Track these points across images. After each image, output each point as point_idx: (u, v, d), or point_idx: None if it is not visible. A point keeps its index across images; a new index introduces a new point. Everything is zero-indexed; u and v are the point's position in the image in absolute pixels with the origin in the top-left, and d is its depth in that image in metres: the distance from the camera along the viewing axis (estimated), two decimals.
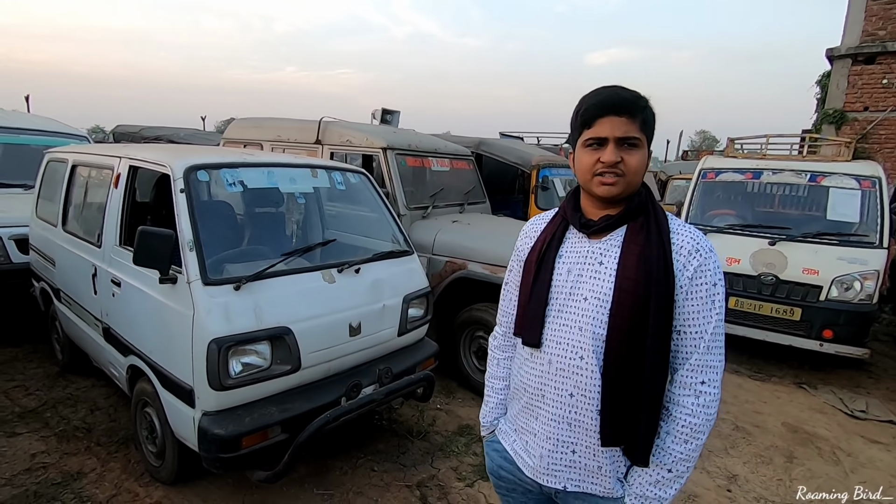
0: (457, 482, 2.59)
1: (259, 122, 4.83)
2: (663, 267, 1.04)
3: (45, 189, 3.60)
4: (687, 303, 1.05)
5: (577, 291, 1.11)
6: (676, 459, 1.07)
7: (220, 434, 1.96)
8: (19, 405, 3.12)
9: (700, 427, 1.06)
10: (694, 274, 1.05)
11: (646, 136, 1.06)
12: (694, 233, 1.09)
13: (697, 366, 1.06)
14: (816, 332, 3.96)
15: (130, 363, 2.45)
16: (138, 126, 8.33)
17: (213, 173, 2.35)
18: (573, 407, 1.10)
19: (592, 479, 1.13)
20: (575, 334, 1.10)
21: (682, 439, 1.06)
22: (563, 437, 1.12)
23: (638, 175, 1.06)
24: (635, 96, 1.06)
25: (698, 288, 1.05)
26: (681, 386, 1.07)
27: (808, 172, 4.39)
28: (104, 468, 2.54)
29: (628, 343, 1.04)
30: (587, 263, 1.12)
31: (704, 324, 1.05)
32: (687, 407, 1.06)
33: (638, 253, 1.06)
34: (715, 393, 1.06)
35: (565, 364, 1.10)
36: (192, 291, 2.02)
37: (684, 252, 1.06)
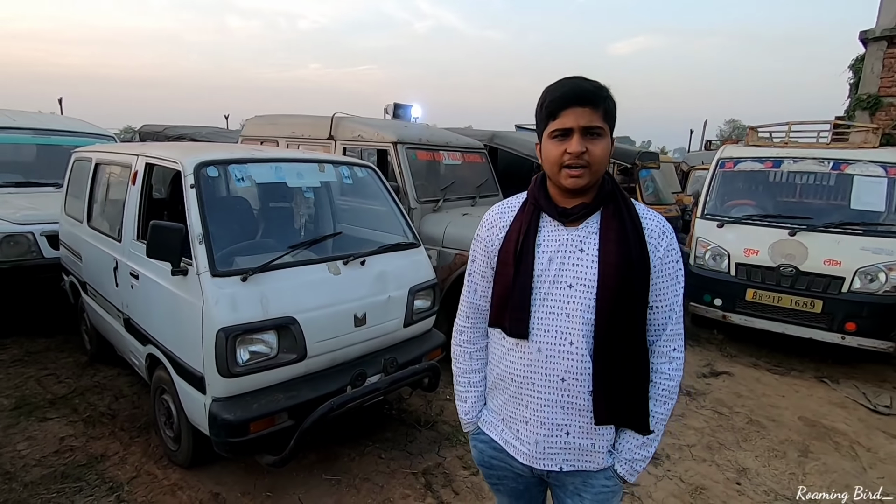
0: (462, 470, 2.63)
1: (274, 120, 4.94)
2: (640, 249, 1.12)
3: (73, 187, 3.77)
4: (659, 280, 1.15)
5: (561, 279, 1.13)
6: (658, 420, 1.18)
7: (229, 419, 2.05)
8: (51, 392, 3.29)
9: (674, 388, 1.18)
10: (664, 254, 1.15)
11: (608, 126, 1.10)
12: (659, 217, 1.19)
13: (672, 335, 1.17)
14: (838, 325, 3.84)
15: (149, 352, 2.57)
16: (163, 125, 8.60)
17: (222, 169, 2.43)
18: (565, 391, 1.14)
19: (587, 456, 1.18)
20: (563, 321, 1.12)
21: (662, 401, 1.18)
22: (557, 420, 1.15)
23: (602, 164, 1.09)
24: (597, 87, 1.09)
25: (667, 266, 1.15)
26: (658, 355, 1.18)
27: (831, 160, 4.24)
28: (126, 451, 2.68)
29: (615, 324, 1.10)
30: (568, 251, 1.14)
31: (673, 297, 1.16)
32: (665, 373, 1.17)
33: (615, 238, 1.11)
34: (682, 357, 1.20)
35: (555, 351, 1.13)
36: (202, 282, 2.10)
37: (654, 234, 1.15)
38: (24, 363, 3.69)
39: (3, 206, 4.12)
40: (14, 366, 3.64)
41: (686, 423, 3.19)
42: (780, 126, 4.95)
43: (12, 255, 3.92)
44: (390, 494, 2.41)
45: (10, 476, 2.45)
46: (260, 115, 5.17)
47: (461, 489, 2.48)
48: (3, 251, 3.87)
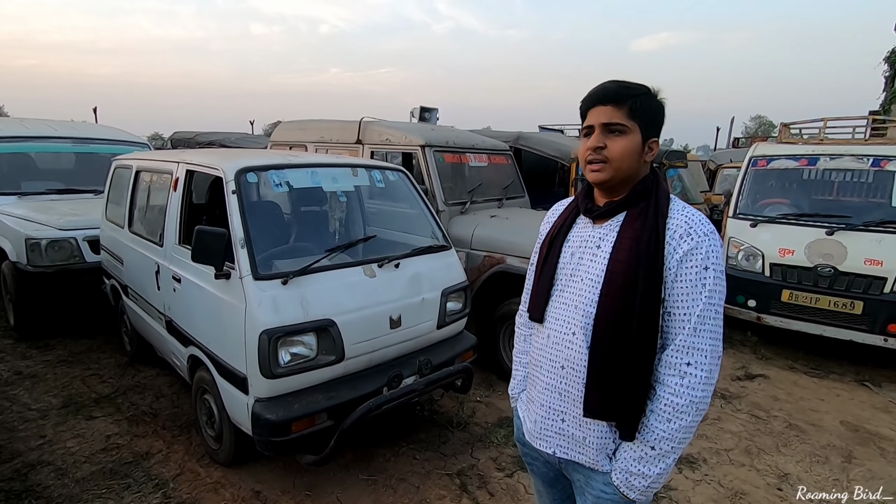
0: (496, 472, 2.63)
1: (303, 125, 5.03)
2: (653, 249, 1.08)
3: (113, 193, 3.91)
4: (676, 284, 1.08)
5: (577, 273, 1.19)
6: (659, 437, 1.09)
7: (272, 419, 2.10)
8: (95, 391, 3.42)
9: (683, 407, 1.07)
10: (684, 256, 1.07)
11: (636, 123, 1.11)
12: (690, 216, 1.11)
13: (683, 347, 1.08)
14: (880, 327, 3.72)
15: (191, 353, 2.64)
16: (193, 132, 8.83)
17: (261, 175, 2.49)
18: (564, 378, 1.19)
19: (578, 448, 1.20)
20: (570, 312, 1.18)
21: (665, 418, 1.08)
22: (555, 405, 1.21)
23: (623, 161, 1.11)
24: (623, 86, 1.12)
25: (687, 270, 1.07)
26: (666, 366, 1.09)
27: (871, 157, 4.11)
28: (169, 450, 2.76)
29: (615, 321, 1.10)
30: (587, 247, 1.19)
31: (692, 305, 1.07)
32: (671, 386, 1.08)
33: (632, 237, 1.11)
34: (702, 376, 1.06)
35: (560, 339, 1.19)
36: (244, 286, 2.16)
37: (676, 235, 1.09)
38: (70, 363, 3.83)
39: (48, 213, 4.29)
40: (60, 366, 3.79)
41: (722, 427, 3.14)
42: (815, 123, 4.82)
43: (57, 259, 4.07)
44: (426, 495, 2.44)
45: (62, 472, 2.55)
46: (289, 121, 5.27)
47: (496, 491, 2.49)
48: (49, 256, 4.03)
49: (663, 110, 1.16)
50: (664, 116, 1.16)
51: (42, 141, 5.23)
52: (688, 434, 1.10)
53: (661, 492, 2.50)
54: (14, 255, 4.08)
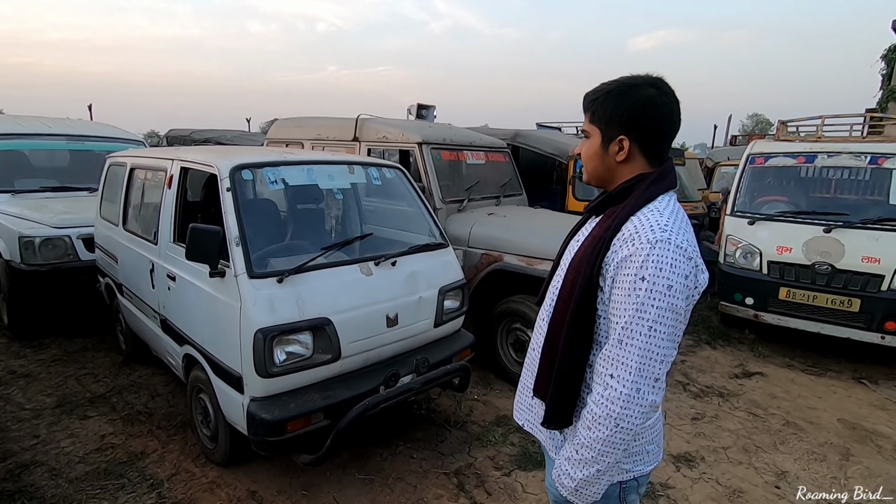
0: (494, 471, 2.62)
1: (300, 122, 4.99)
2: (598, 250, 1.08)
3: (108, 191, 3.87)
4: (613, 291, 1.04)
5: (563, 265, 1.24)
6: (580, 443, 1.08)
7: (267, 419, 2.08)
8: (89, 391, 3.39)
9: (600, 418, 1.03)
10: (621, 262, 1.03)
11: (595, 126, 1.14)
12: (643, 221, 1.03)
13: (608, 356, 1.04)
14: (878, 324, 3.72)
15: (186, 352, 2.62)
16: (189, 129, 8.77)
17: (256, 172, 2.46)
18: (533, 359, 1.26)
19: (535, 424, 1.29)
20: (549, 300, 1.25)
21: (586, 424, 1.07)
22: (527, 382, 1.29)
23: (589, 162, 1.18)
24: (589, 94, 1.16)
25: (623, 277, 1.02)
26: (596, 374, 1.08)
27: (869, 154, 4.11)
28: (164, 449, 2.74)
29: (560, 312, 1.15)
30: (574, 242, 1.25)
31: (621, 314, 1.01)
32: (595, 395, 1.06)
33: (595, 235, 1.13)
34: (622, 392, 1.00)
35: (539, 324, 1.27)
36: (239, 284, 2.14)
37: (621, 239, 1.05)
38: (64, 362, 3.80)
39: (42, 211, 4.25)
40: (54, 365, 3.76)
41: (720, 425, 3.13)
42: (812, 120, 4.82)
43: (51, 257, 4.04)
44: (424, 494, 2.42)
45: (55, 472, 2.53)
46: (285, 118, 5.23)
47: (494, 490, 2.48)
48: (43, 254, 4.00)
49: (634, 105, 1.07)
50: (637, 111, 1.07)
51: (36, 138, 5.18)
52: (609, 448, 1.04)
53: (659, 489, 2.49)
54: (7, 253, 4.04)
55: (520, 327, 3.55)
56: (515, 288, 3.61)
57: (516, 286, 3.61)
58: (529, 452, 2.76)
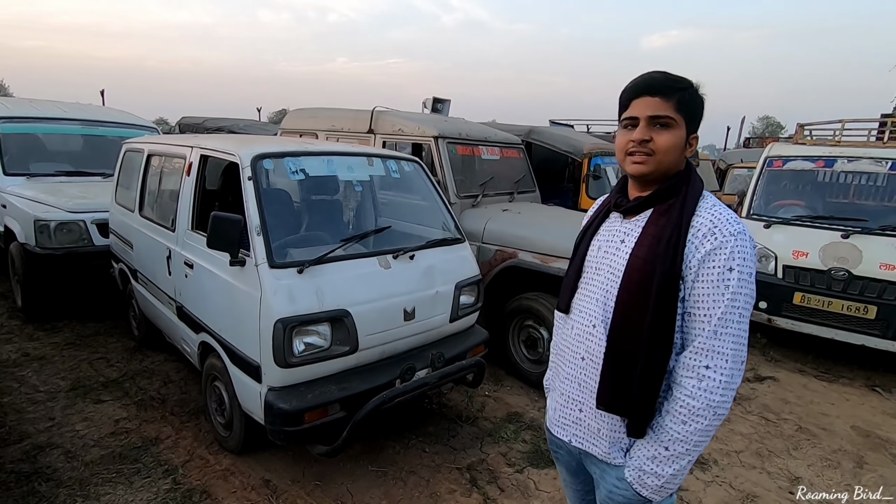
0: (506, 467, 2.62)
1: (314, 113, 4.98)
2: (672, 247, 1.06)
3: (124, 177, 3.88)
4: (697, 284, 1.05)
5: (601, 267, 1.19)
6: (673, 439, 1.08)
7: (285, 408, 2.08)
8: (103, 375, 3.41)
9: (699, 410, 1.05)
10: (705, 256, 1.04)
11: (682, 117, 1.08)
12: (717, 215, 1.07)
13: (702, 349, 1.05)
14: (894, 332, 3.69)
15: (202, 340, 2.63)
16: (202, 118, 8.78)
17: (277, 162, 2.46)
18: (583, 369, 1.20)
19: (592, 439, 1.21)
20: (592, 305, 1.19)
21: (680, 419, 1.07)
22: (574, 395, 1.23)
23: (668, 154, 1.09)
24: (671, 78, 1.10)
25: (709, 270, 1.04)
26: (684, 367, 1.08)
27: (890, 160, 4.06)
28: (178, 435, 2.75)
29: (631, 317, 1.09)
30: (612, 242, 1.19)
31: (713, 307, 1.04)
32: (687, 388, 1.06)
33: (654, 234, 1.10)
34: (721, 380, 1.04)
35: (581, 330, 1.20)
36: (260, 274, 2.13)
37: (699, 234, 1.06)
38: (77, 346, 3.83)
39: (57, 195, 4.27)
40: (68, 349, 3.78)
41: (732, 429, 3.12)
42: (832, 124, 4.76)
43: (65, 241, 4.06)
44: (436, 489, 2.43)
45: (71, 455, 2.55)
46: (300, 108, 5.22)
47: (506, 486, 2.48)
48: (57, 238, 4.02)
49: (704, 106, 1.13)
50: (703, 113, 1.13)
51: (51, 122, 5.20)
52: (704, 437, 1.07)
53: None
54: (23, 236, 4.07)
55: (532, 325, 3.54)
56: (529, 285, 3.60)
57: (530, 283, 3.60)
58: (541, 450, 2.75)
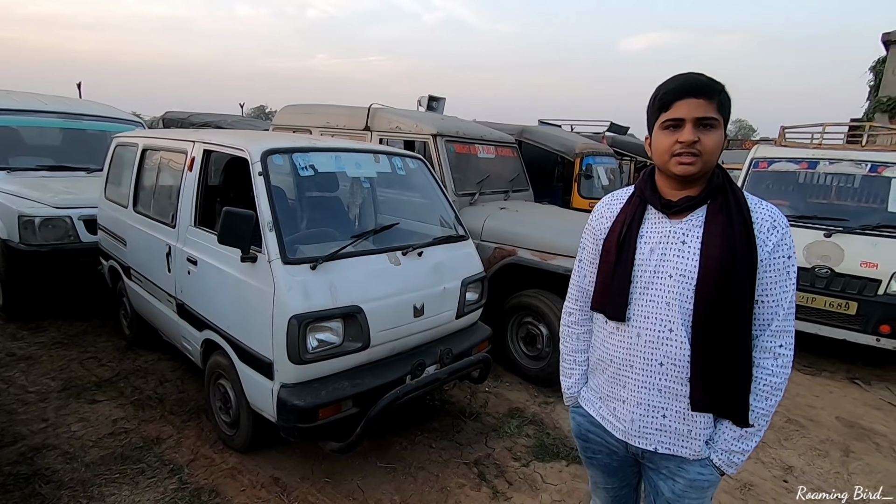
0: (512, 461, 2.65)
1: (309, 109, 4.94)
2: (746, 243, 1.11)
3: (114, 172, 3.78)
4: (766, 275, 1.13)
5: (662, 269, 1.18)
6: (758, 415, 1.17)
7: (300, 405, 2.07)
8: (95, 375, 3.32)
9: (779, 385, 1.17)
10: (773, 248, 1.12)
11: (722, 118, 1.11)
12: (771, 209, 1.16)
13: (777, 331, 1.15)
14: (873, 327, 3.85)
15: (206, 338, 2.59)
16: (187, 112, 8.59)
17: (286, 157, 2.44)
18: (663, 375, 1.19)
19: (682, 441, 1.21)
20: (663, 309, 1.17)
21: (764, 396, 1.16)
22: (654, 402, 1.21)
23: (714, 155, 1.12)
24: (712, 80, 1.12)
25: (776, 261, 1.13)
26: (762, 350, 1.16)
27: (869, 162, 4.24)
28: (180, 435, 2.70)
29: (715, 315, 1.12)
30: (670, 243, 1.18)
31: (782, 293, 1.14)
32: (767, 368, 1.16)
33: (720, 231, 1.12)
34: (790, 355, 1.17)
35: (654, 336, 1.18)
36: (273, 270, 2.12)
37: (764, 228, 1.13)
38: (65, 346, 3.72)
39: (41, 190, 4.13)
40: (55, 348, 3.67)
41: None
42: (813, 128, 4.95)
43: (51, 238, 3.94)
44: (446, 483, 2.45)
45: (70, 456, 2.48)
46: (293, 104, 5.16)
47: (514, 479, 2.51)
48: (42, 234, 3.89)
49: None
50: None
51: (31, 115, 5.02)
52: (775, 409, 1.20)
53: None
54: (5, 232, 3.93)
55: (531, 321, 3.59)
56: (528, 282, 3.64)
57: (529, 280, 3.65)
58: (545, 444, 2.80)
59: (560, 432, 2.95)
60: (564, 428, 3.00)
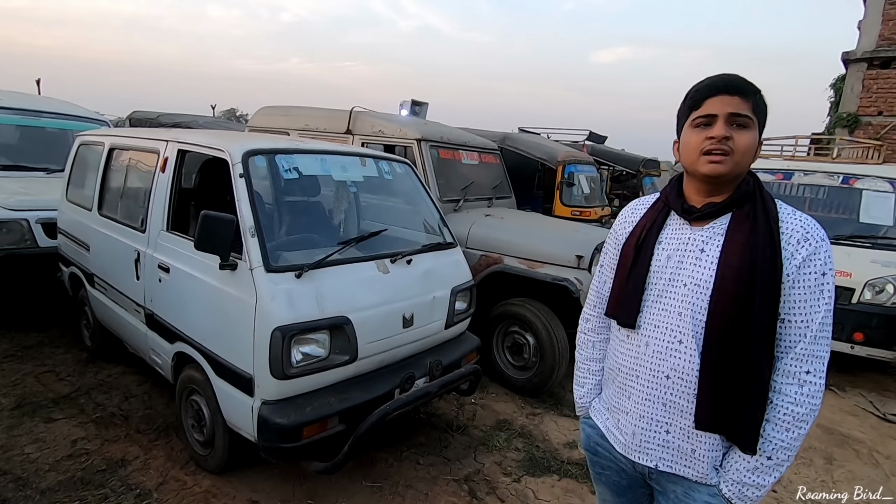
0: (503, 477, 2.57)
1: (287, 111, 4.78)
2: (770, 255, 1.02)
3: (77, 173, 3.55)
4: (794, 291, 1.03)
5: (678, 278, 1.12)
6: (777, 447, 1.06)
7: (282, 423, 1.93)
8: (52, 390, 3.08)
9: (803, 416, 1.04)
10: (802, 262, 1.03)
11: (757, 120, 1.06)
12: (804, 220, 1.07)
13: (803, 355, 1.04)
14: (847, 335, 3.94)
15: (178, 350, 2.41)
16: (156, 112, 8.25)
17: (269, 159, 2.30)
18: (669, 388, 1.12)
19: (685, 461, 1.13)
20: (674, 319, 1.11)
21: (784, 427, 1.05)
22: (658, 416, 1.14)
23: (746, 156, 1.05)
24: (747, 81, 1.07)
25: (806, 277, 1.03)
26: (785, 374, 1.05)
27: (841, 174, 4.38)
28: (147, 456, 2.51)
29: (730, 330, 1.04)
30: (688, 250, 1.12)
31: (812, 313, 1.03)
32: (790, 395, 1.04)
33: (743, 241, 1.05)
34: (820, 383, 1.04)
35: (663, 347, 1.12)
36: (255, 278, 1.98)
37: (793, 240, 1.04)
38: (19, 359, 3.44)
39: None
40: (8, 361, 3.39)
41: None
42: (786, 140, 5.10)
43: (5, 242, 3.66)
44: (436, 501, 2.34)
45: (23, 482, 2.26)
46: (270, 106, 4.99)
47: (506, 496, 2.42)
48: None
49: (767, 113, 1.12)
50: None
51: None
52: (800, 443, 1.07)
53: None
54: None
55: (518, 330, 3.52)
56: (515, 290, 3.58)
57: (514, 289, 3.59)
58: (536, 458, 2.72)
59: (549, 445, 2.88)
60: (553, 440, 2.93)
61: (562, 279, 3.30)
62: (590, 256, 3.41)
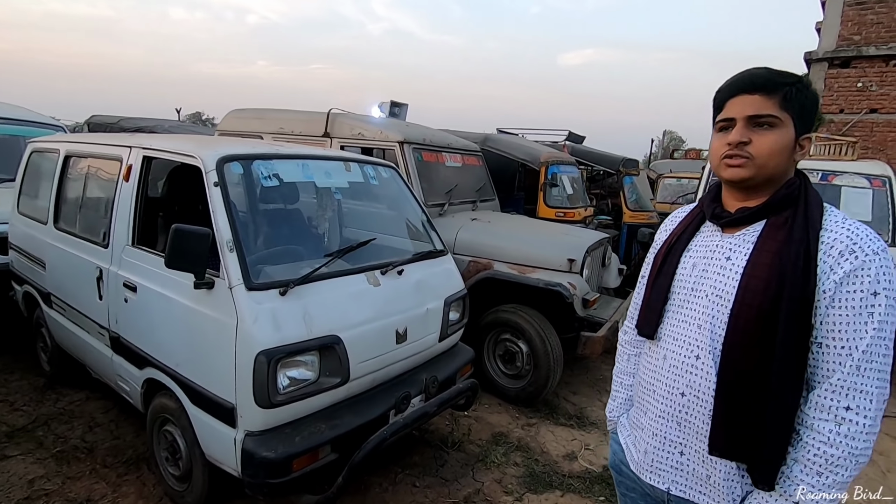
0: (504, 496, 2.44)
1: (260, 113, 4.55)
2: (802, 268, 0.90)
3: (29, 183, 3.26)
4: (832, 311, 0.90)
5: (700, 287, 1.04)
6: (808, 489, 0.90)
7: (270, 457, 1.75)
8: (6, 423, 2.79)
9: (839, 460, 0.88)
10: (844, 278, 0.89)
11: (789, 115, 0.95)
12: (854, 230, 0.92)
13: (840, 387, 0.89)
14: None
15: (148, 377, 2.20)
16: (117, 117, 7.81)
17: (245, 165, 2.12)
18: (684, 406, 1.03)
19: (700, 487, 1.03)
20: (693, 331, 1.02)
21: (814, 470, 0.90)
22: (672, 436, 1.06)
23: (771, 159, 0.95)
24: (774, 72, 0.97)
25: (849, 295, 0.89)
26: (817, 408, 0.91)
27: (820, 171, 4.42)
28: (116, 493, 2.28)
29: (751, 348, 0.93)
30: (713, 258, 1.03)
31: (855, 338, 0.88)
32: (822, 433, 0.90)
33: (774, 250, 0.94)
34: (865, 423, 0.88)
35: (679, 361, 1.04)
36: (235, 297, 1.79)
37: (835, 252, 0.91)
38: None
39: None
40: None
41: None
42: None
43: None
44: None
45: None
46: (241, 108, 4.75)
47: None
48: None
49: (817, 104, 1.01)
50: (817, 111, 1.01)
51: None
52: (842, 490, 0.90)
53: None
54: None
55: (510, 338, 3.41)
56: (506, 297, 3.46)
57: (505, 295, 3.47)
58: (536, 473, 2.61)
59: (549, 458, 2.77)
60: (552, 452, 2.82)
61: (555, 284, 3.20)
62: (581, 260, 3.32)
